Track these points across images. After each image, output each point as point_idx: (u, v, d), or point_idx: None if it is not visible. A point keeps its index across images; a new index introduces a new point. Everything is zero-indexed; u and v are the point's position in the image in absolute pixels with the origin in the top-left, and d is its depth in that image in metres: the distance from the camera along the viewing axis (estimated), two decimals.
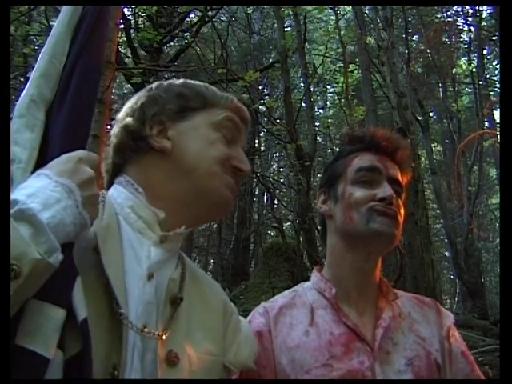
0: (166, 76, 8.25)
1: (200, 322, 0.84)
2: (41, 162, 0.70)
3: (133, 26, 7.42)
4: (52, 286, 0.61)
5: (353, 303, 1.10)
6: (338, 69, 11.46)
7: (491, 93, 11.01)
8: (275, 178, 11.59)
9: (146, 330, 0.72)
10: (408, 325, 1.09)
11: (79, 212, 0.64)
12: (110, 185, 0.88)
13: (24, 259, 0.55)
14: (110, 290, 0.69)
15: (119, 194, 0.83)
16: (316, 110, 13.54)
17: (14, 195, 0.60)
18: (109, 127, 1.66)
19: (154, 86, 0.94)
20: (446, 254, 14.90)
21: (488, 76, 11.28)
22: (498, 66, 11.96)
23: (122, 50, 7.23)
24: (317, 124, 11.00)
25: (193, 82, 0.96)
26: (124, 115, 0.91)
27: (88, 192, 0.66)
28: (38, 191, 0.61)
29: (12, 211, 0.57)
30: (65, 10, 0.83)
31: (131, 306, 0.73)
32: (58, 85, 0.78)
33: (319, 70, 10.17)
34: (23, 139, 0.71)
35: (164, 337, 0.74)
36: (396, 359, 1.03)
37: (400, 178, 1.13)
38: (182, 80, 0.95)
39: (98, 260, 0.70)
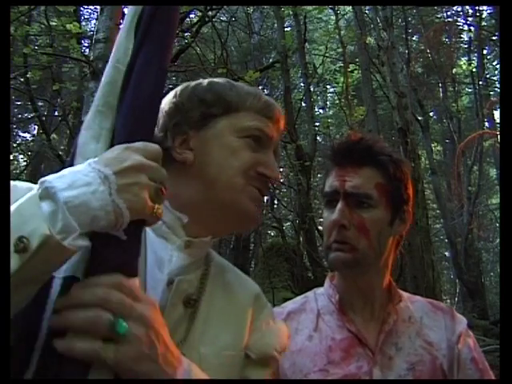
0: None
1: (221, 318, 0.83)
2: None
3: None
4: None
5: (358, 310, 1.12)
6: (338, 69, 11.47)
7: (491, 93, 11.02)
8: None
9: None
10: (416, 329, 1.09)
11: (112, 199, 0.60)
12: None
13: (34, 234, 0.54)
14: None
15: None
16: (316, 110, 13.54)
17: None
18: None
19: (179, 90, 0.89)
20: (446, 253, 14.91)
21: (488, 76, 11.28)
22: (498, 66, 11.96)
23: None
24: (317, 124, 11.00)
25: (219, 81, 0.90)
26: None
27: (129, 180, 0.62)
28: (70, 173, 0.60)
29: (39, 190, 0.57)
30: (127, 13, 0.80)
31: None
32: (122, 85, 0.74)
33: (319, 70, 10.19)
34: (88, 150, 0.69)
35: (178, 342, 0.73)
36: (398, 364, 1.04)
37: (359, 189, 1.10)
38: (207, 81, 0.89)
39: None
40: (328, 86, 13.63)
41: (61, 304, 0.59)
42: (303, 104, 9.51)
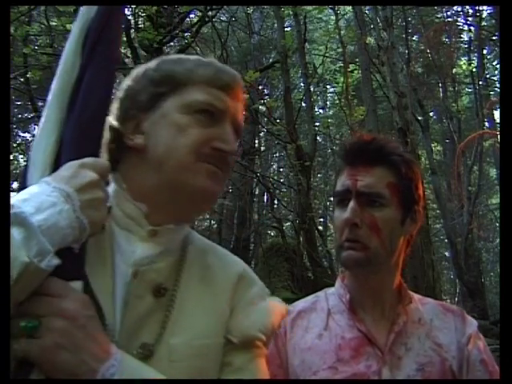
0: None
1: (198, 305, 0.81)
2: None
3: (133, 26, 7.41)
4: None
5: (368, 310, 1.12)
6: (338, 69, 11.47)
7: (491, 93, 11.01)
8: (275, 177, 11.59)
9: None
10: (426, 331, 1.10)
11: (76, 216, 0.63)
12: None
13: (14, 263, 0.55)
14: (95, 301, 0.68)
15: (111, 193, 0.80)
16: (316, 110, 13.54)
17: (11, 201, 0.60)
18: None
19: (131, 74, 0.85)
20: (446, 253, 14.90)
21: (488, 76, 11.27)
22: (498, 66, 11.96)
23: (122, 50, 7.23)
24: (317, 124, 11.00)
25: (167, 58, 0.85)
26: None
27: (88, 195, 0.65)
28: (34, 196, 0.62)
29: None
30: (74, 26, 0.81)
31: (117, 310, 0.73)
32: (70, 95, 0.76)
33: (319, 70, 10.18)
34: (37, 160, 0.71)
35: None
36: (407, 364, 1.04)
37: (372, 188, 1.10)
38: (156, 61, 0.85)
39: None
40: (328, 86, 13.62)
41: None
42: (303, 104, 9.50)
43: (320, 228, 10.60)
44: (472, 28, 10.65)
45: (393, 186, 1.09)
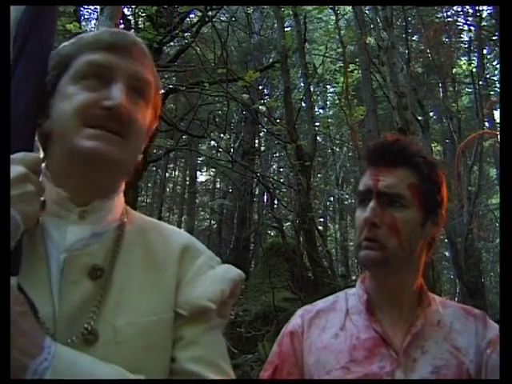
0: (166, 76, 8.25)
1: (139, 283, 0.79)
2: None
3: (133, 26, 7.41)
4: None
5: (386, 311, 1.12)
6: (338, 69, 11.46)
7: (491, 93, 11.00)
8: (275, 177, 11.59)
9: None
10: (444, 334, 1.09)
11: None
12: None
13: None
14: (26, 296, 0.67)
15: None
16: (316, 110, 13.53)
17: None
18: None
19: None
20: (446, 253, 14.89)
21: (488, 76, 11.27)
22: (498, 66, 11.95)
23: None
24: (317, 124, 11.00)
25: (64, 43, 0.84)
26: None
27: (18, 190, 0.65)
28: None
29: None
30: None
31: (55, 299, 0.72)
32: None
33: (319, 70, 10.18)
34: None
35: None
36: (422, 367, 1.04)
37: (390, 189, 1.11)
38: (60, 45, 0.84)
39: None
40: (328, 86, 13.62)
41: None
42: (303, 104, 9.50)
43: (320, 228, 10.60)
44: (472, 28, 10.65)
45: (414, 188, 1.09)
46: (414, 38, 12.47)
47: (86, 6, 9.07)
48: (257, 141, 12.67)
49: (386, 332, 1.08)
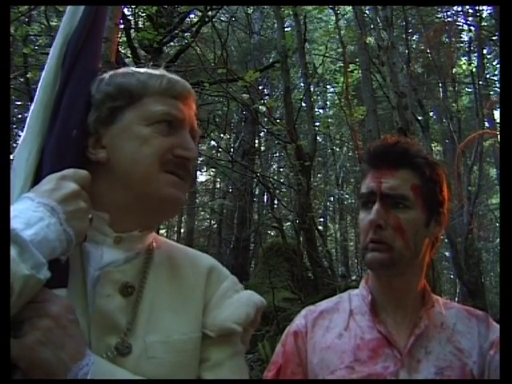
0: None
1: (168, 303, 0.83)
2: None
3: (133, 26, 7.42)
4: None
5: (390, 312, 1.13)
6: (338, 69, 11.46)
7: (491, 93, 11.01)
8: (275, 177, 11.59)
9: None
10: (448, 335, 1.10)
11: (63, 229, 0.66)
12: None
13: (14, 277, 0.58)
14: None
15: None
16: (316, 110, 13.53)
17: None
18: None
19: (94, 84, 0.85)
20: (446, 253, 14.89)
21: (488, 76, 11.27)
22: (498, 66, 11.95)
23: (122, 50, 7.23)
24: (317, 124, 11.00)
25: (119, 72, 0.87)
26: None
27: (72, 207, 0.68)
28: (21, 213, 0.64)
29: None
30: (57, 38, 0.84)
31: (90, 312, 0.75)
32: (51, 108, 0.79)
33: (319, 70, 10.18)
34: (18, 168, 0.74)
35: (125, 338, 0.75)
36: (426, 367, 1.04)
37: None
38: (109, 74, 0.86)
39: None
40: (328, 86, 13.62)
41: None
42: (303, 104, 9.49)
43: (320, 228, 10.60)
44: (472, 28, 10.65)
45: (417, 188, 1.10)
46: (413, 38, 12.47)
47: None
48: (257, 141, 12.67)
49: (390, 333, 1.09)
